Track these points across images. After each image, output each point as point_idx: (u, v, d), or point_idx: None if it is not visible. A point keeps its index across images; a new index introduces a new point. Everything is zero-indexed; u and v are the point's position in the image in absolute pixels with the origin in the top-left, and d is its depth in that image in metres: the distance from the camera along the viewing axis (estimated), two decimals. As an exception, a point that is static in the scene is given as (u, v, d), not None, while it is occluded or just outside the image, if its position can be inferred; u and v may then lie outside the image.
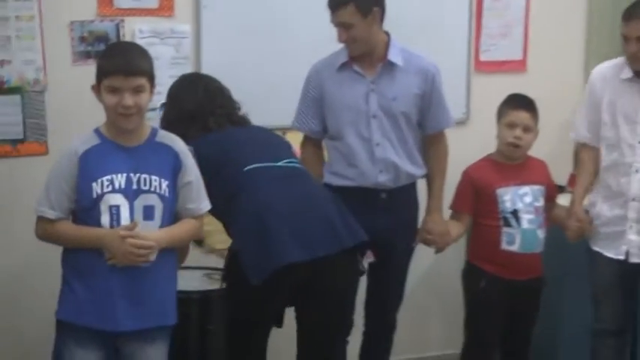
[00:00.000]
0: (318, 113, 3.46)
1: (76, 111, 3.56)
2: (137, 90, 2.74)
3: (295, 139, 3.49)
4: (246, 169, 3.07)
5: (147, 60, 2.82)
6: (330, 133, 3.45)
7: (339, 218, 3.01)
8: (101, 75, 2.79)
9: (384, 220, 3.33)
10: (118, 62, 2.76)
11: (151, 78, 2.78)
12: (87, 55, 3.64)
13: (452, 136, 3.60)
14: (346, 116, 3.38)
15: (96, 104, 2.93)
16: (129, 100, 2.70)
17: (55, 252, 2.87)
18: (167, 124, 3.20)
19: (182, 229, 2.86)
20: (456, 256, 3.80)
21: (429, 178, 3.52)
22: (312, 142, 3.44)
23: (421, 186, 3.53)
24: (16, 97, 3.60)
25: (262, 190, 3.05)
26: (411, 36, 3.66)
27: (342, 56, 3.39)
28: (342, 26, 3.16)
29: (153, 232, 2.74)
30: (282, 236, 2.90)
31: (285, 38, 3.86)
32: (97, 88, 2.80)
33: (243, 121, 3.28)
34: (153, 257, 2.70)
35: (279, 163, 3.15)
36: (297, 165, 3.20)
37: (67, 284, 2.83)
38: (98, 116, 2.89)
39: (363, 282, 3.36)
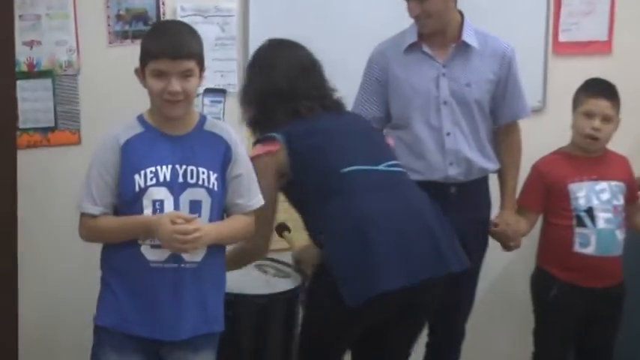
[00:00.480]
0: (381, 100, 3.35)
1: (112, 96, 3.53)
2: (185, 74, 2.68)
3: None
4: (343, 171, 2.95)
5: (197, 41, 2.76)
6: (393, 121, 3.35)
7: (444, 237, 2.91)
8: (146, 58, 2.73)
9: (454, 218, 3.18)
10: (165, 44, 2.71)
11: (201, 61, 2.73)
12: (124, 35, 3.62)
13: (526, 126, 3.50)
14: (414, 103, 3.27)
15: (134, 89, 2.84)
16: (176, 85, 2.65)
17: (93, 247, 2.86)
18: (250, 100, 3.10)
19: (231, 225, 2.82)
20: (527, 259, 3.70)
21: (501, 172, 3.43)
22: None
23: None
24: (47, 82, 3.57)
25: (362, 198, 2.92)
26: (482, 14, 3.53)
27: (409, 36, 3.30)
28: None
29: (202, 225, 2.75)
30: (387, 257, 2.78)
31: (342, 16, 3.71)
32: (140, 72, 2.76)
33: (337, 107, 3.15)
34: (199, 248, 2.66)
35: (380, 167, 3.03)
36: (398, 169, 3.09)
37: (107, 287, 2.81)
38: (137, 102, 2.84)
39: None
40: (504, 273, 4.19)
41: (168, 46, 2.70)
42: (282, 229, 3.23)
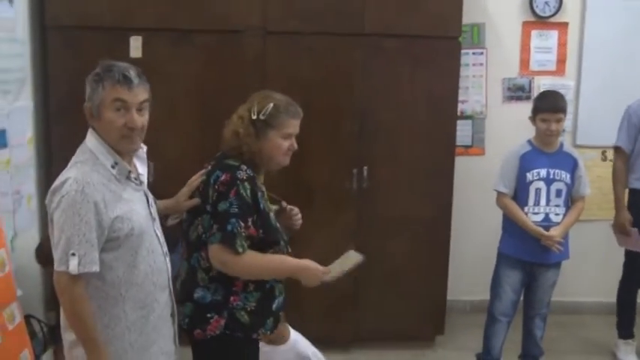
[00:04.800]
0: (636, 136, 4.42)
1: (504, 130, 5.01)
2: (558, 120, 3.74)
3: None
4: None
5: (565, 101, 3.84)
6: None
7: None
8: (537, 111, 3.82)
9: None
10: (548, 103, 3.80)
11: (566, 112, 3.79)
12: (511, 98, 5.11)
13: None
14: None
15: (513, 126, 4.49)
16: (554, 126, 3.79)
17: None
18: None
19: (572, 215, 3.84)
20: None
21: None
22: None
23: None
24: (469, 122, 5.14)
25: None
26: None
27: None
28: None
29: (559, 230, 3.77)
30: None
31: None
32: (532, 119, 3.85)
33: None
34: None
35: None
36: None
37: (506, 230, 4.04)
38: (515, 134, 4.19)
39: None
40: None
41: (550, 104, 3.71)
42: None
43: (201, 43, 4.33)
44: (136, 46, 4.23)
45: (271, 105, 2.82)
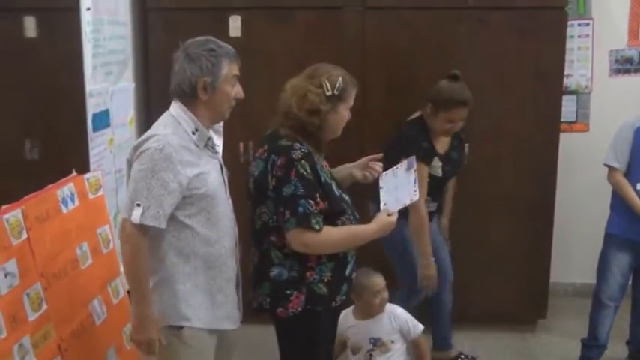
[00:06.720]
0: None
1: (610, 105, 4.91)
2: None
3: None
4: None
5: None
6: None
7: None
8: None
9: None
10: None
11: None
12: (618, 71, 4.98)
13: None
14: None
15: (619, 101, 4.53)
16: None
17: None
18: None
19: None
20: None
21: None
22: None
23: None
24: (573, 96, 5.04)
25: None
26: None
27: None
28: None
29: None
30: None
31: None
32: None
33: None
34: None
35: None
36: None
37: (614, 210, 3.88)
38: (622, 109, 4.22)
39: None
40: None
41: None
42: None
43: (300, 21, 4.35)
44: (235, 25, 4.28)
45: (340, 79, 2.86)
